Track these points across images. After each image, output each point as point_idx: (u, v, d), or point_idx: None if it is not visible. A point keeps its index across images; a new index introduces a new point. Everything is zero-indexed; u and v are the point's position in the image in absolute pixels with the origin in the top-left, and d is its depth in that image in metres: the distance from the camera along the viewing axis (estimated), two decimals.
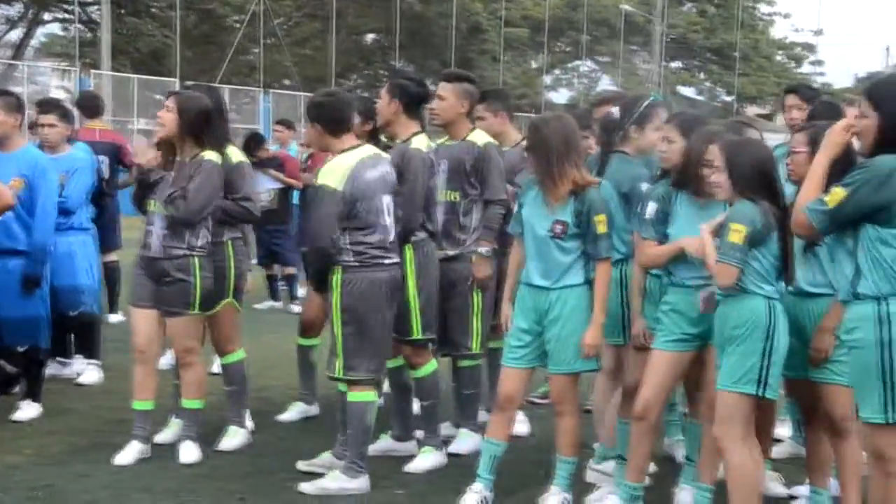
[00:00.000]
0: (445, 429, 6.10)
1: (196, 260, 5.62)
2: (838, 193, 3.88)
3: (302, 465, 5.56)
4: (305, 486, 5.25)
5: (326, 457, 5.54)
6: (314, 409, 6.75)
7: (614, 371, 5.28)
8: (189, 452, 5.67)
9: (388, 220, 5.31)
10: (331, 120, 5.28)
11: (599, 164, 5.31)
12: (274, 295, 11.47)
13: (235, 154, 6.06)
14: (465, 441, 5.98)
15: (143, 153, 5.83)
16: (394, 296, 5.34)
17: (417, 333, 5.68)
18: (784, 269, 4.43)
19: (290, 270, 11.41)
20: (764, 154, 4.51)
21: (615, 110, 5.38)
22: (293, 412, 6.69)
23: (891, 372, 3.81)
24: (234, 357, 6.11)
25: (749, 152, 4.47)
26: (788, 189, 4.58)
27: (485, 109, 6.41)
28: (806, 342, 4.61)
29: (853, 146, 4.26)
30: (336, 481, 5.24)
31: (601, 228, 4.82)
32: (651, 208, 4.87)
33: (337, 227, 5.15)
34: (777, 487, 5.31)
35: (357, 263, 5.20)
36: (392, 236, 5.34)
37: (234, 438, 6.01)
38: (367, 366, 5.25)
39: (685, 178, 4.79)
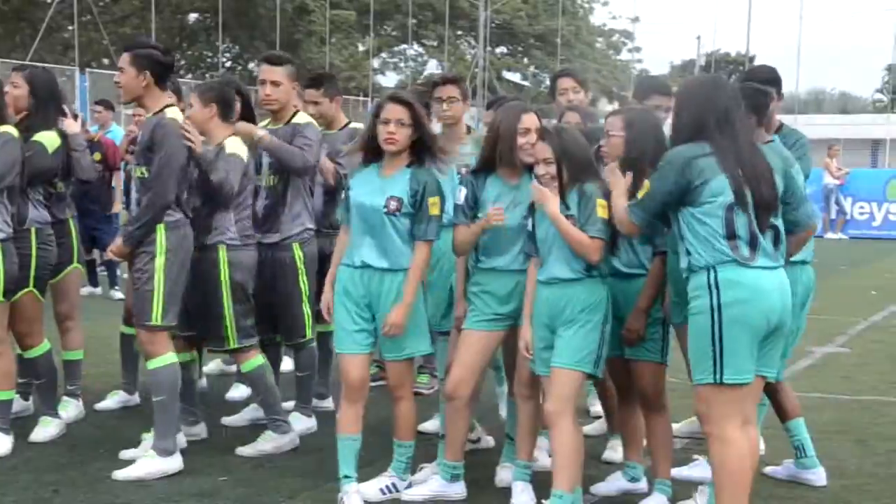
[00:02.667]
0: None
1: None
2: (646, 186, 4.25)
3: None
4: (243, 450, 5.55)
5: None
6: (135, 398, 6.58)
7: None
8: None
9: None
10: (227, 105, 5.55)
11: None
12: (93, 280, 11.11)
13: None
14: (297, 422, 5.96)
15: None
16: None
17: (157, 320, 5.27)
18: (613, 247, 4.61)
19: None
20: (585, 141, 4.65)
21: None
22: (112, 401, 6.50)
23: (720, 334, 4.04)
24: (37, 351, 5.85)
25: (577, 140, 4.59)
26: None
27: (321, 94, 6.36)
28: (620, 321, 4.76)
29: (664, 135, 4.55)
30: (269, 441, 5.57)
31: (433, 210, 4.81)
32: (462, 194, 4.92)
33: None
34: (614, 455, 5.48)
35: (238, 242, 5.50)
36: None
37: (47, 428, 5.79)
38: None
39: (496, 158, 4.83)
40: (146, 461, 5.20)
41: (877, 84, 61.59)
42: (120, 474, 5.13)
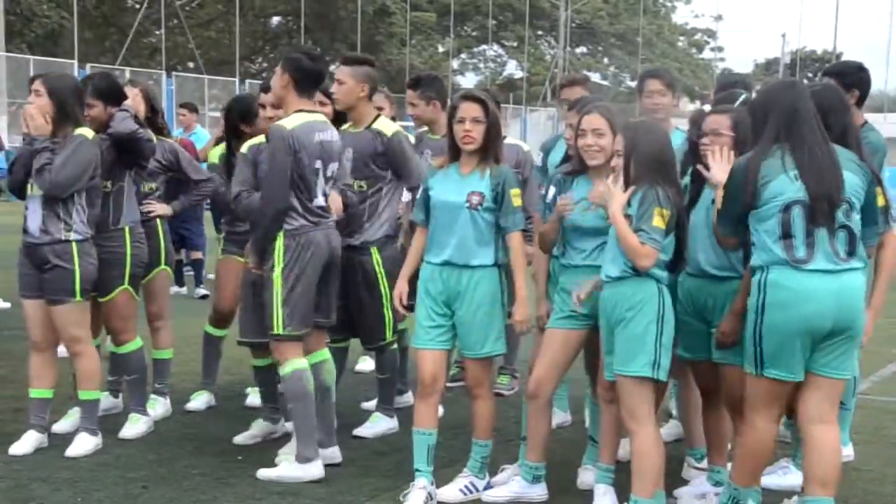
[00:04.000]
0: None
1: (74, 245, 5.47)
2: (720, 195, 4.35)
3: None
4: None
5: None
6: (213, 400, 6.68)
7: None
8: (81, 444, 5.54)
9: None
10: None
11: None
12: (179, 280, 11.32)
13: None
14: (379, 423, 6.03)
15: (33, 119, 5.45)
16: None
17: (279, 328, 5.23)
18: (679, 257, 4.52)
19: (197, 255, 11.27)
20: (664, 140, 4.56)
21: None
22: (199, 401, 6.59)
23: (760, 334, 4.18)
24: (129, 347, 5.98)
25: (650, 138, 4.50)
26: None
27: (418, 97, 6.37)
28: (709, 324, 4.71)
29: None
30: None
31: (516, 202, 4.85)
32: (550, 192, 4.94)
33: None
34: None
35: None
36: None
37: (136, 426, 5.92)
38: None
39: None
40: (286, 465, 5.24)
41: None
42: (262, 473, 5.20)
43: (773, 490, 5.00)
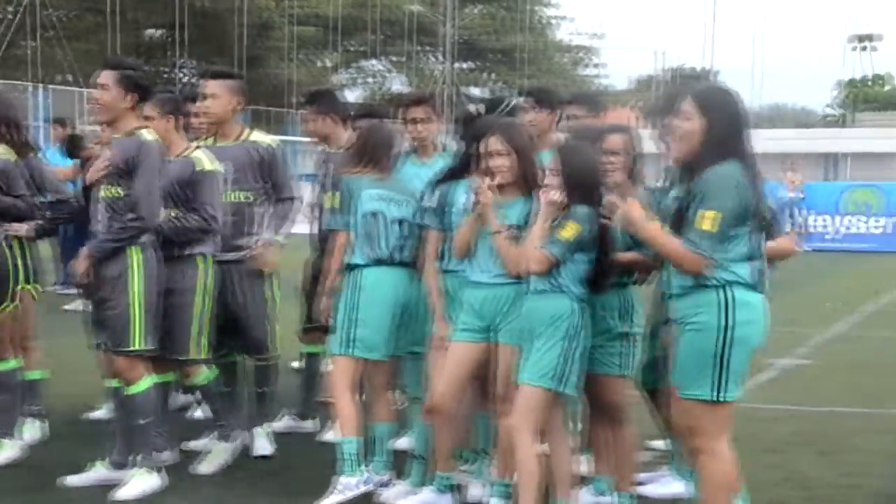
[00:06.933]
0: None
1: None
2: (713, 215, 3.92)
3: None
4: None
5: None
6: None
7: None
8: None
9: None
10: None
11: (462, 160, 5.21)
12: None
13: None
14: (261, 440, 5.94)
15: None
16: None
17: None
18: (601, 275, 4.54)
19: None
20: (593, 161, 4.60)
21: (477, 107, 5.48)
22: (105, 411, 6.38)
23: (728, 354, 3.99)
24: (5, 365, 5.78)
25: (581, 160, 4.55)
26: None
27: (314, 112, 6.35)
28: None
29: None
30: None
31: None
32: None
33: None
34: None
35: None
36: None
37: (6, 451, 5.73)
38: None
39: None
40: (140, 480, 5.16)
41: (827, 99, 62.54)
42: (120, 494, 5.10)
43: (655, 499, 5.09)
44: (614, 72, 70.50)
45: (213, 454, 5.65)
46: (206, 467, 5.58)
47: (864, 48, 60.07)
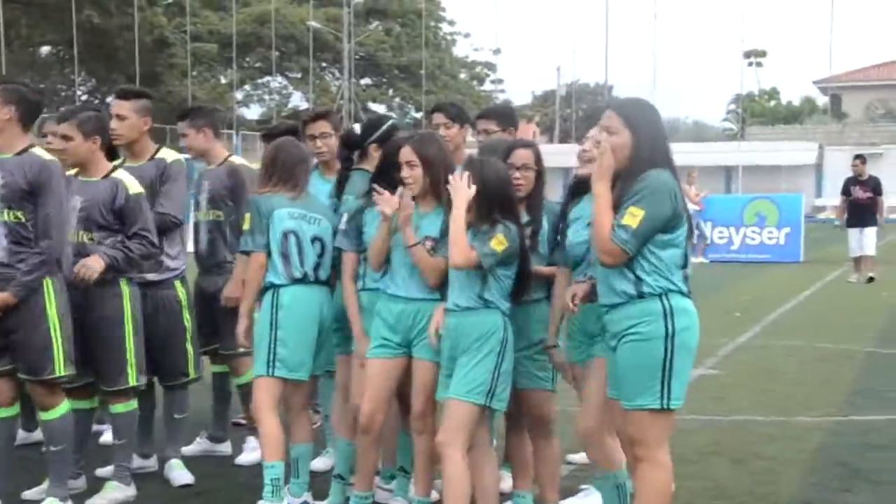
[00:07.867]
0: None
1: None
2: (637, 213, 3.95)
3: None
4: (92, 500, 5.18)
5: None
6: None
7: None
8: None
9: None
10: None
11: (339, 180, 5.33)
12: None
13: None
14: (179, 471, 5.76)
15: None
16: None
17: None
18: (521, 288, 4.55)
19: None
20: (507, 177, 4.61)
21: (356, 127, 5.41)
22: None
23: (673, 361, 4.01)
24: None
25: (494, 176, 4.53)
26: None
27: (187, 126, 6.20)
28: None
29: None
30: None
31: None
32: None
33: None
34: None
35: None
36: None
37: None
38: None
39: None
40: None
41: (722, 114, 64.30)
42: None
43: None
44: (512, 87, 71.33)
45: (108, 489, 5.40)
46: (99, 501, 5.35)
47: (753, 63, 61.92)
